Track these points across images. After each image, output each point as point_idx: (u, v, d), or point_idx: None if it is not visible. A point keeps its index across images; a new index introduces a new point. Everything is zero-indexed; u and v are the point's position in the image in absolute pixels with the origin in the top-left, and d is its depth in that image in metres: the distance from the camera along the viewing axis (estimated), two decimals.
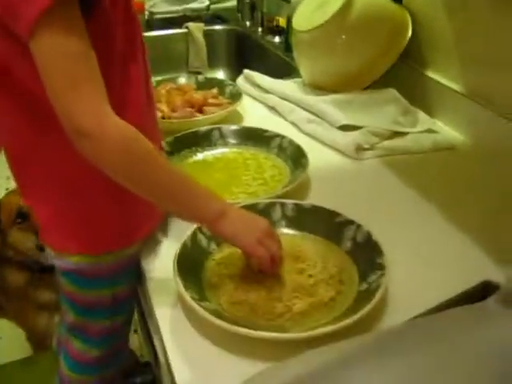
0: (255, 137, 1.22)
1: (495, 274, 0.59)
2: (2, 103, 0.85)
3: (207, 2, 2.36)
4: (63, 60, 0.73)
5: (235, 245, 0.83)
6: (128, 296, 1.03)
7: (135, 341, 1.66)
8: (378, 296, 0.75)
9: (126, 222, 0.95)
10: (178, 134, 1.21)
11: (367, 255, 0.84)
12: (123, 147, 0.75)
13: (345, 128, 1.27)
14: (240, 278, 0.84)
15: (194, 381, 0.71)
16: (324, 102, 1.34)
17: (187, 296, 0.77)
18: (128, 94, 0.87)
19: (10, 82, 0.82)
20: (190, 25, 2.18)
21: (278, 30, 2.01)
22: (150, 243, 0.97)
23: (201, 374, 0.72)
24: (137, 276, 0.98)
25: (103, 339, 1.06)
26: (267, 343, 0.73)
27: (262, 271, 0.83)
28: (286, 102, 1.41)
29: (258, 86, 1.51)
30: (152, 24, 2.31)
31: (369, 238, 0.86)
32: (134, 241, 0.96)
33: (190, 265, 0.85)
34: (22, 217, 1.69)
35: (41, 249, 1.62)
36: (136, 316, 1.28)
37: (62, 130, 0.76)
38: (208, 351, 0.75)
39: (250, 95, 1.51)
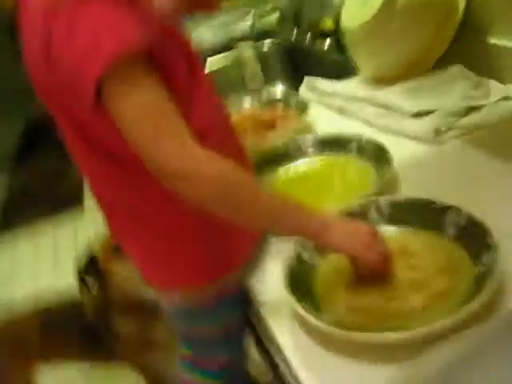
0: (332, 143, 1.22)
1: None
2: (93, 162, 0.89)
3: (251, 20, 2.38)
4: (141, 115, 0.76)
5: (345, 253, 0.84)
6: (240, 324, 1.04)
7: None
8: (493, 280, 0.73)
9: (219, 252, 0.96)
10: (256, 157, 1.21)
11: (474, 238, 0.82)
12: (222, 181, 0.77)
13: (419, 115, 1.25)
14: (351, 284, 0.84)
15: None
16: (392, 94, 1.33)
17: (303, 311, 0.77)
18: (205, 123, 0.89)
19: (91, 141, 0.86)
20: (239, 46, 2.20)
21: (325, 33, 2.00)
22: (255, 269, 0.98)
23: None
24: (245, 303, 0.99)
25: (223, 371, 1.07)
26: (391, 345, 0.72)
27: (373, 274, 0.82)
28: (353, 101, 1.40)
29: (322, 92, 1.51)
30: (201, 53, 2.34)
31: (471, 219, 0.84)
32: (230, 269, 0.97)
33: (298, 281, 0.85)
34: (119, 250, 1.73)
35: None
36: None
37: (148, 181, 0.79)
38: (334, 362, 0.75)
39: (316, 102, 1.50)
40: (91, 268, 1.79)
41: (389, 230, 0.92)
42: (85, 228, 3.72)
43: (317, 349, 0.78)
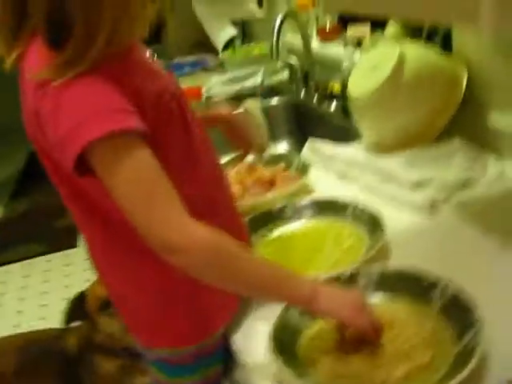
0: (328, 207, 1.25)
1: None
2: (81, 217, 0.94)
3: (261, 78, 2.44)
4: (133, 189, 0.78)
5: (335, 318, 0.86)
6: (220, 373, 1.05)
7: None
8: (475, 358, 0.74)
9: (201, 318, 0.98)
10: (253, 215, 1.24)
11: (459, 313, 0.84)
12: (213, 253, 0.79)
13: (416, 185, 1.27)
14: (337, 350, 0.85)
15: None
16: (392, 162, 1.36)
17: (287, 374, 0.78)
18: (199, 192, 0.92)
19: (87, 203, 0.91)
20: (247, 103, 2.24)
21: (333, 97, 2.05)
22: (238, 326, 0.99)
23: None
24: (228, 354, 1.01)
25: None
26: None
27: (358, 341, 0.83)
28: (353, 167, 1.43)
29: (324, 154, 1.54)
30: (210, 106, 2.39)
31: (458, 295, 0.86)
32: (211, 333, 0.99)
33: (283, 344, 0.86)
34: (109, 305, 1.74)
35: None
36: None
37: (134, 244, 0.83)
38: None
39: (318, 164, 1.53)
40: (79, 311, 1.81)
41: (377, 299, 0.94)
42: (78, 269, 3.74)
43: None
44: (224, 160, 1.47)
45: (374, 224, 1.14)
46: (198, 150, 0.93)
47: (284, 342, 0.87)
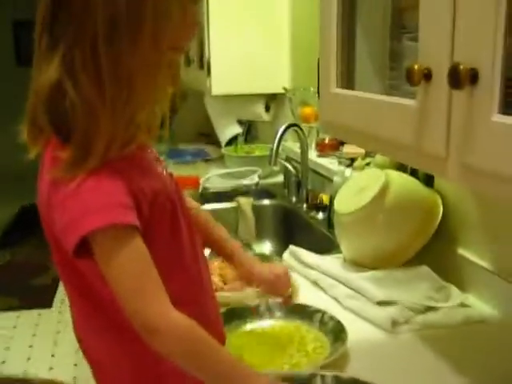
0: (299, 311, 1.34)
1: None
2: (72, 291, 1.04)
3: (257, 179, 2.58)
4: (123, 276, 0.89)
5: None
6: None
7: None
8: None
9: None
10: (229, 307, 1.34)
11: None
12: (185, 339, 0.90)
13: (382, 303, 1.38)
14: None
15: None
16: (362, 279, 1.47)
17: None
18: (182, 287, 1.02)
19: (81, 281, 1.00)
20: (240, 199, 2.37)
21: (321, 207, 2.17)
22: None
23: None
24: None
25: None
26: None
27: None
28: (327, 278, 1.54)
29: (302, 262, 1.65)
30: (205, 197, 2.53)
31: None
32: None
33: None
34: None
35: None
36: None
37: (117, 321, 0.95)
38: None
39: (295, 269, 1.64)
40: None
41: None
42: (46, 329, 3.75)
43: None
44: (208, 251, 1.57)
45: (337, 333, 1.24)
46: (183, 247, 1.03)
47: None
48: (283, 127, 2.14)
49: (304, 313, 1.33)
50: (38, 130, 0.95)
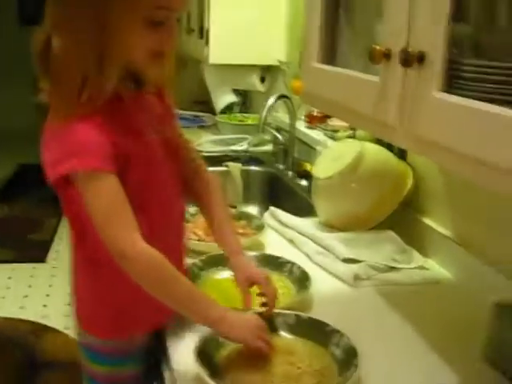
0: (271, 261, 1.49)
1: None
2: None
3: (246, 146, 2.71)
4: (102, 208, 1.06)
5: (235, 342, 1.10)
6: (127, 380, 1.27)
7: None
8: None
9: (126, 320, 1.22)
10: (209, 254, 1.48)
11: (346, 357, 1.08)
12: (148, 266, 1.06)
13: (347, 261, 1.53)
14: (244, 364, 1.08)
15: None
16: (332, 238, 1.61)
17: (205, 375, 1.01)
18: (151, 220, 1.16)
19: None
20: (230, 164, 2.51)
21: (305, 175, 2.30)
22: (174, 335, 1.21)
23: None
24: (141, 364, 1.26)
25: None
26: None
27: (258, 358, 1.08)
28: (301, 236, 1.68)
29: (281, 222, 1.80)
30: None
31: (348, 343, 1.10)
32: (131, 336, 1.24)
33: (207, 353, 1.09)
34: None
35: None
36: None
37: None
38: None
39: (273, 228, 1.79)
40: None
41: (287, 334, 1.18)
42: (40, 282, 3.90)
43: None
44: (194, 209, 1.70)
45: (303, 281, 1.39)
46: (154, 187, 1.18)
47: (208, 352, 1.09)
48: (273, 98, 2.27)
49: (275, 263, 1.48)
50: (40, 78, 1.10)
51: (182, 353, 1.15)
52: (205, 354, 1.08)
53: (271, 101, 2.26)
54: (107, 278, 1.18)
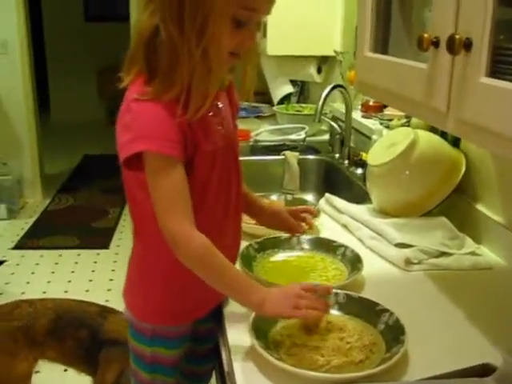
0: (325, 245, 1.55)
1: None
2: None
3: (304, 135, 2.76)
4: (165, 193, 1.13)
5: (279, 317, 1.16)
6: (168, 362, 1.34)
7: None
8: (394, 359, 1.03)
9: (176, 306, 1.29)
10: (266, 237, 1.55)
11: (394, 335, 1.12)
12: (198, 255, 1.14)
13: (399, 245, 1.56)
14: (295, 337, 1.14)
15: None
16: (385, 224, 1.65)
17: (258, 346, 1.07)
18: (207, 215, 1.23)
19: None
20: (287, 153, 2.55)
21: (361, 163, 2.34)
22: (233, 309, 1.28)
23: None
24: (180, 349, 1.34)
25: None
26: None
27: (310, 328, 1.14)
28: (354, 222, 1.73)
29: (335, 208, 1.84)
30: (255, 150, 2.72)
31: (397, 322, 1.15)
32: (177, 323, 1.32)
33: (262, 328, 1.15)
34: None
35: None
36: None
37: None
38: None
39: (328, 214, 1.84)
40: None
41: (338, 312, 1.23)
42: (103, 267, 4.04)
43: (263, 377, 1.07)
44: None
45: (355, 263, 1.44)
46: (212, 188, 1.24)
47: (262, 327, 1.15)
48: (329, 87, 2.30)
49: (330, 247, 1.53)
50: (134, 63, 1.16)
51: (238, 329, 1.21)
52: (259, 329, 1.14)
53: (327, 91, 2.29)
54: (160, 268, 1.26)
